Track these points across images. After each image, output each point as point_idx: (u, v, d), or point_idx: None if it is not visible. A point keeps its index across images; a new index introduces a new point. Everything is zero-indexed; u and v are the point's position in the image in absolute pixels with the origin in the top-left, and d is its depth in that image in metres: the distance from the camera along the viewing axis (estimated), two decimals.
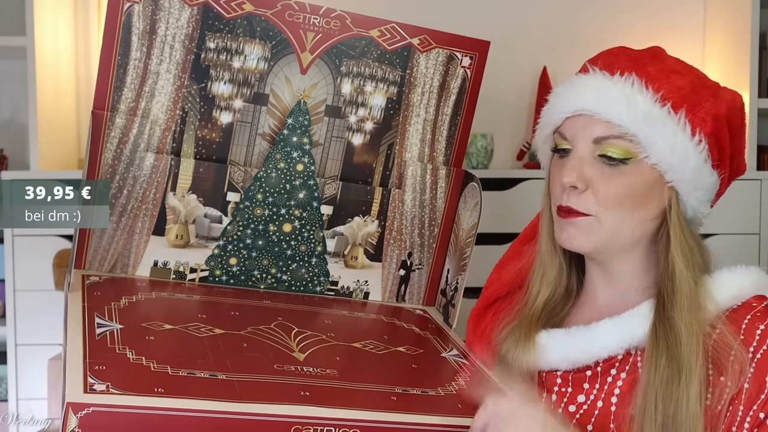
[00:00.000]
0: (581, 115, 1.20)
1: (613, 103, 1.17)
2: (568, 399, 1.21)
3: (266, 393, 1.04)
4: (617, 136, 1.17)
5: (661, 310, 1.18)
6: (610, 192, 1.18)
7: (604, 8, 2.77)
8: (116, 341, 1.08)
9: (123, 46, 1.30)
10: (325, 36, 1.37)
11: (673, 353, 1.13)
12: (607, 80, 1.20)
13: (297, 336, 1.23)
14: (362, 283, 1.46)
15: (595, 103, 1.18)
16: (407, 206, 1.46)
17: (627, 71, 1.19)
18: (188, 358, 1.08)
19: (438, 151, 1.46)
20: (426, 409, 1.10)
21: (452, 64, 1.43)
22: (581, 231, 1.20)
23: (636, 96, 1.17)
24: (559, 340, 1.23)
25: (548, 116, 1.25)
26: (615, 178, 1.18)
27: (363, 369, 1.19)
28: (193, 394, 0.99)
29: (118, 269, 1.35)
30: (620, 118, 1.17)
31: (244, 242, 1.38)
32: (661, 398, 1.12)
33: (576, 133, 1.20)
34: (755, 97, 2.49)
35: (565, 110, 1.22)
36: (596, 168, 1.18)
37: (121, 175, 1.32)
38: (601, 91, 1.19)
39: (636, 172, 1.18)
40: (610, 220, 1.19)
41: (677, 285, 1.18)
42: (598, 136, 1.18)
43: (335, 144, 1.41)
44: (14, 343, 2.41)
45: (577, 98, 1.20)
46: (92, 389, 0.96)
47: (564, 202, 1.20)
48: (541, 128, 1.28)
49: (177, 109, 1.34)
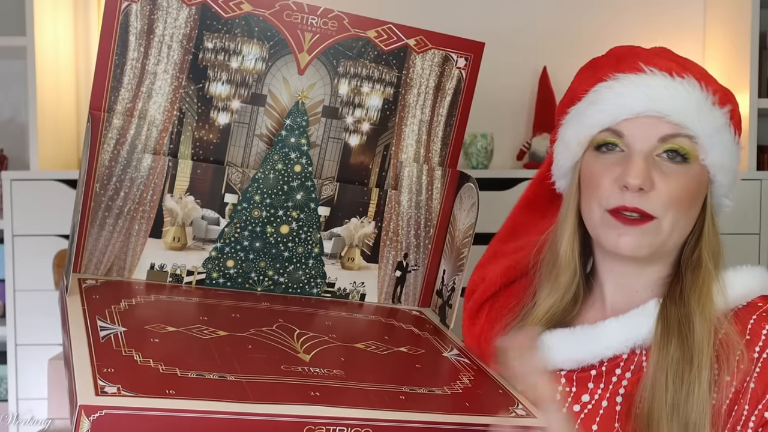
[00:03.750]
0: (647, 115, 1.18)
1: (686, 104, 1.17)
2: (572, 398, 1.21)
3: (277, 394, 1.04)
4: (685, 135, 1.17)
5: (676, 297, 1.18)
6: (673, 192, 1.17)
7: (604, 8, 2.77)
8: (121, 344, 1.08)
9: (120, 46, 1.29)
10: (322, 36, 1.36)
11: (685, 337, 1.13)
12: (671, 81, 1.18)
13: (300, 337, 1.23)
14: (359, 285, 1.46)
15: (667, 104, 1.17)
16: (403, 207, 1.45)
17: (684, 73, 1.19)
18: (195, 360, 1.08)
19: (433, 152, 1.46)
20: (436, 408, 1.10)
21: (448, 65, 1.43)
22: (645, 236, 1.18)
23: (701, 99, 1.18)
24: (564, 339, 1.23)
25: (599, 116, 1.21)
26: (677, 177, 1.17)
27: (368, 369, 1.19)
28: (204, 396, 0.99)
29: (115, 272, 1.34)
30: (692, 121, 1.17)
31: (242, 244, 1.38)
32: (671, 380, 1.11)
33: (639, 132, 1.18)
34: (755, 97, 2.49)
35: (628, 110, 1.19)
36: (658, 168, 1.17)
37: (118, 176, 1.32)
38: (671, 92, 1.17)
39: (694, 172, 1.18)
40: (669, 222, 1.18)
41: (700, 276, 1.18)
42: (667, 134, 1.17)
43: (332, 145, 1.41)
44: (14, 343, 2.41)
45: (645, 99, 1.18)
46: (103, 392, 0.95)
47: (630, 203, 1.17)
48: (582, 129, 1.24)
49: (174, 109, 1.33)
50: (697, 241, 1.21)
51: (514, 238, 1.38)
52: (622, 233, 1.18)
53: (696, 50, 2.75)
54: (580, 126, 1.24)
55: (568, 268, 1.27)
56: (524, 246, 1.36)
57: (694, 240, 1.22)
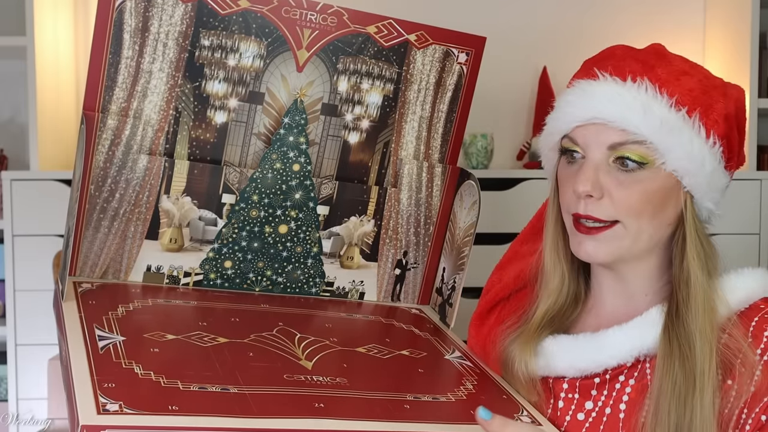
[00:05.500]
0: (594, 123, 1.17)
1: (629, 110, 1.14)
2: (575, 406, 1.20)
3: (281, 406, 1.02)
4: (634, 141, 1.15)
5: (674, 315, 1.16)
6: (628, 199, 1.15)
7: (604, 8, 2.77)
8: (121, 355, 1.06)
9: (114, 44, 1.27)
10: (321, 33, 1.35)
11: (686, 359, 1.12)
12: (619, 87, 1.16)
13: (301, 342, 1.22)
14: (358, 284, 1.45)
15: (609, 110, 1.15)
16: (403, 205, 1.45)
17: (639, 76, 1.17)
18: (197, 371, 1.06)
19: (433, 148, 1.45)
20: (441, 417, 1.09)
21: (449, 60, 1.42)
22: (602, 243, 1.17)
23: (651, 102, 1.15)
24: (566, 347, 1.21)
25: (556, 124, 1.22)
26: (632, 185, 1.15)
27: (371, 376, 1.18)
28: (207, 411, 0.97)
29: (110, 275, 1.33)
30: (637, 126, 1.14)
31: (240, 245, 1.37)
32: (674, 406, 1.10)
33: (589, 140, 1.17)
34: (755, 97, 2.49)
35: (576, 118, 1.18)
36: (611, 175, 1.16)
37: (113, 178, 1.30)
38: (615, 99, 1.15)
39: (653, 177, 1.16)
40: (633, 227, 1.16)
41: (692, 289, 1.16)
42: (614, 142, 1.15)
43: (331, 143, 1.40)
44: (14, 343, 2.41)
45: (589, 106, 1.17)
46: (105, 409, 0.93)
47: (582, 211, 1.17)
48: (547, 136, 1.25)
49: (170, 109, 1.31)
50: (682, 251, 1.19)
51: (532, 239, 1.37)
52: (580, 240, 1.18)
53: (696, 50, 2.74)
54: (546, 133, 1.26)
55: (554, 272, 1.26)
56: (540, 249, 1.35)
57: (680, 249, 1.19)
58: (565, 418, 1.20)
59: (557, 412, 1.21)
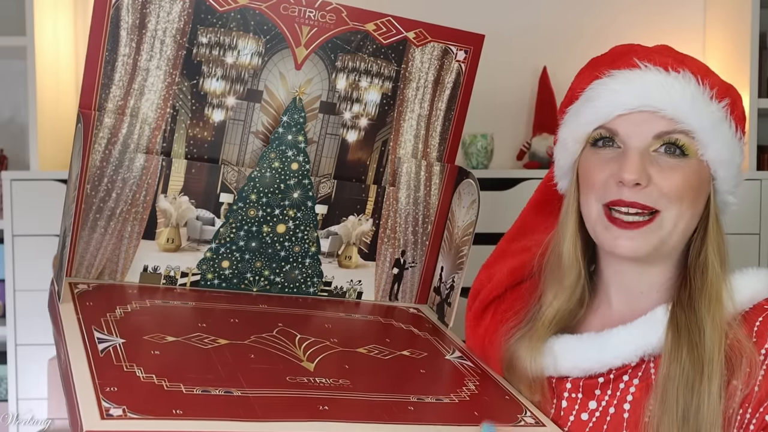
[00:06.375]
0: (642, 111, 1.17)
1: (681, 99, 1.15)
2: (579, 406, 1.20)
3: (285, 410, 1.02)
4: (681, 131, 1.16)
5: (685, 303, 1.16)
6: (673, 185, 1.15)
7: (604, 8, 2.76)
8: (122, 358, 1.05)
9: (111, 41, 1.26)
10: (320, 30, 1.34)
11: (695, 346, 1.12)
12: (665, 76, 1.17)
13: (302, 343, 1.21)
14: (355, 283, 1.45)
15: (661, 98, 1.15)
16: (401, 204, 1.44)
17: (680, 67, 1.17)
18: (199, 374, 1.05)
19: (432, 147, 1.44)
20: (445, 419, 1.09)
21: (447, 58, 1.41)
22: (642, 236, 1.16)
23: (696, 93, 1.16)
24: (571, 347, 1.21)
25: (593, 112, 1.20)
26: (676, 170, 1.16)
27: (374, 377, 1.17)
28: (211, 414, 0.97)
29: (106, 275, 1.32)
30: (687, 115, 1.15)
31: (237, 244, 1.36)
32: (682, 392, 1.10)
33: (633, 128, 1.17)
34: (755, 97, 2.48)
35: (621, 106, 1.17)
36: (655, 163, 1.16)
37: (110, 177, 1.28)
38: (666, 87, 1.16)
39: (693, 167, 1.17)
40: (672, 215, 1.16)
41: (708, 279, 1.17)
42: (662, 130, 1.16)
43: (329, 141, 1.39)
44: (14, 343, 2.41)
45: (639, 94, 1.16)
46: (108, 414, 0.92)
47: (628, 198, 1.16)
48: (579, 126, 1.23)
49: (167, 107, 1.30)
50: (702, 242, 1.20)
51: (521, 237, 1.36)
52: (617, 235, 1.17)
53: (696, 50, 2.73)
54: (576, 124, 1.23)
55: (572, 269, 1.25)
56: (531, 246, 1.34)
57: (700, 240, 1.20)
58: (569, 418, 1.19)
59: (560, 412, 1.20)
